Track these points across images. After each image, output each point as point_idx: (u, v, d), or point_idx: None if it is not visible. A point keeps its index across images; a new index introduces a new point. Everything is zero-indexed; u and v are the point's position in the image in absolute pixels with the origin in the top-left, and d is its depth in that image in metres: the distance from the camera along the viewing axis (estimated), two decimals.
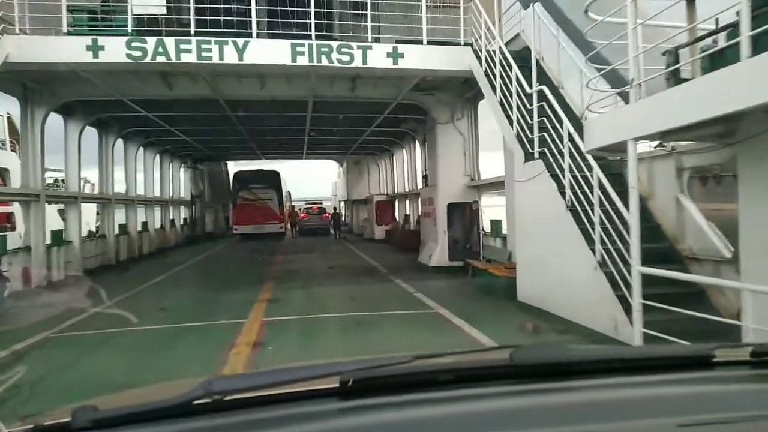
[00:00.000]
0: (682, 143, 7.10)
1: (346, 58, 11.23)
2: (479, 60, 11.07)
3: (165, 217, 26.22)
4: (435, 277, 13.88)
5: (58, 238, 14.85)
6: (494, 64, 10.23)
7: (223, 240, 30.37)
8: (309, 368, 1.16)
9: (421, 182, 20.52)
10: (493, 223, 13.78)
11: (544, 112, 8.67)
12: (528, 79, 9.26)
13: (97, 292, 11.76)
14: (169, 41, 10.77)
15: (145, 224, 22.87)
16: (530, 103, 8.89)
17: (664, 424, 1.00)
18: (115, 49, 10.72)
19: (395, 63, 11.42)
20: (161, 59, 10.79)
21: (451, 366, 1.31)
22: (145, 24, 11.80)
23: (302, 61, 11.12)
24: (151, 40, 10.75)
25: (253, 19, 11.16)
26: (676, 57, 4.91)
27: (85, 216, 18.81)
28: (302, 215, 34.01)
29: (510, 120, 9.45)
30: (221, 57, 10.90)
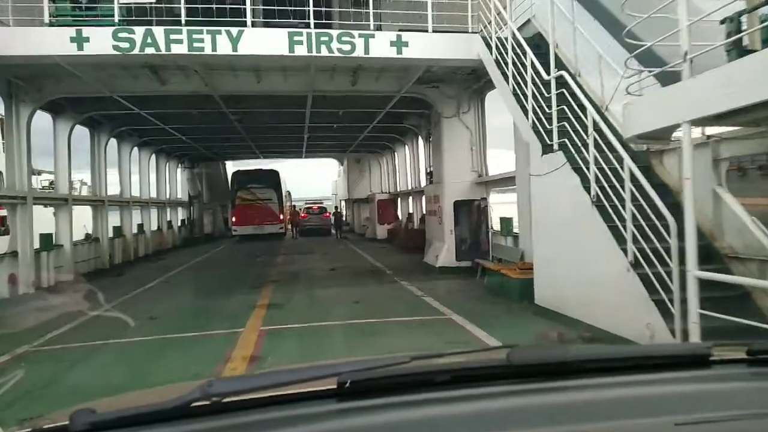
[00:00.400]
0: (720, 130, 6.43)
1: (347, 47, 10.56)
2: (489, 48, 10.39)
3: (162, 218, 25.59)
4: (442, 278, 13.23)
5: (47, 242, 14.19)
6: (506, 51, 9.56)
7: (223, 241, 29.73)
8: (307, 370, 1.17)
9: (424, 180, 19.87)
10: (503, 221, 13.10)
11: (564, 101, 8.01)
12: (543, 68, 8.61)
13: (87, 299, 11.15)
14: (159, 31, 10.11)
15: (141, 226, 22.24)
16: (548, 91, 8.22)
17: (661, 423, 1.00)
18: (100, 41, 10.05)
19: (399, 52, 10.75)
20: (150, 50, 10.13)
21: (449, 366, 1.30)
22: (133, 13, 11.13)
23: (300, 51, 10.45)
24: (139, 31, 10.09)
25: (248, 6, 10.48)
26: (738, 25, 4.24)
27: (83, 219, 18.26)
28: (303, 215, 33.34)
29: (525, 110, 8.78)
30: (214, 48, 10.23)
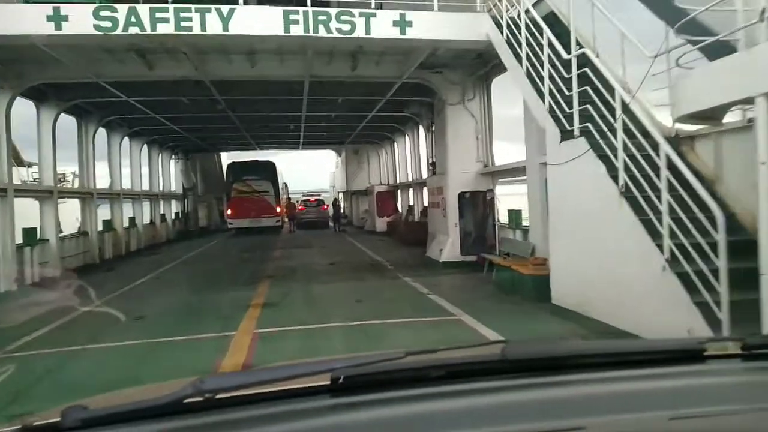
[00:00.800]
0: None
1: (346, 27, 9.82)
2: (499, 27, 9.67)
3: (155, 211, 24.85)
4: (447, 273, 12.58)
5: (31, 236, 13.48)
6: (519, 31, 8.84)
7: (218, 235, 29.02)
8: (300, 366, 1.15)
9: (426, 171, 19.18)
10: (512, 213, 12.43)
11: (585, 82, 7.31)
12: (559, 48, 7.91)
13: (71, 297, 10.45)
14: (143, 9, 9.36)
15: (132, 220, 21.50)
16: (567, 72, 7.51)
17: (655, 417, 1.00)
18: (80, 19, 9.29)
19: (402, 32, 10.01)
20: (134, 30, 9.38)
21: (443, 362, 1.28)
22: None
23: (296, 31, 9.71)
24: (122, 9, 9.33)
25: None
26: None
27: (76, 212, 17.60)
28: (300, 207, 32.61)
29: (540, 93, 8.08)
30: (203, 27, 9.48)
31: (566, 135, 7.46)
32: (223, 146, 31.60)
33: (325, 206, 32.80)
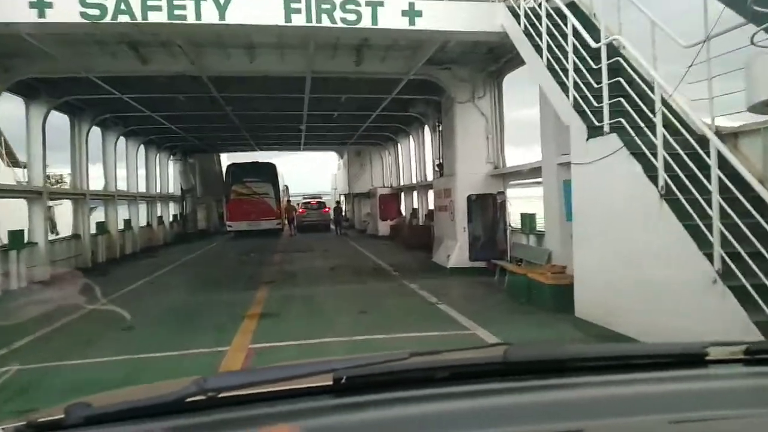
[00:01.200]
0: None
1: (351, 16, 9.16)
2: (516, 18, 9.00)
3: (152, 214, 24.20)
4: (455, 281, 11.91)
5: (17, 239, 12.80)
6: (539, 20, 8.18)
7: (217, 237, 28.36)
8: (303, 366, 1.16)
9: (432, 173, 18.50)
10: (525, 217, 11.74)
11: (615, 74, 6.65)
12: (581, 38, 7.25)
13: (58, 304, 9.80)
14: None
15: (128, 222, 20.85)
16: (595, 63, 6.84)
17: (656, 421, 0.99)
18: (66, 6, 8.66)
19: (412, 23, 9.36)
20: (124, 18, 8.73)
21: (446, 363, 1.28)
22: None
23: (298, 20, 9.05)
24: None
25: None
26: None
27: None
28: (300, 210, 31.93)
29: (564, 87, 7.40)
30: (198, 16, 8.83)
31: (594, 132, 6.78)
32: (223, 147, 30.95)
33: (327, 209, 32.13)
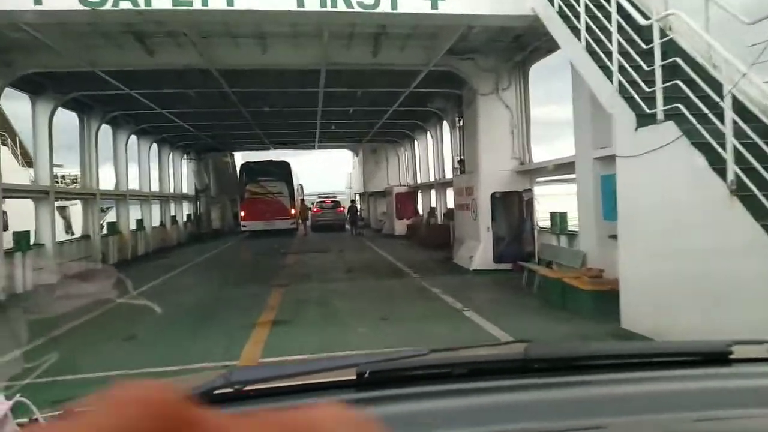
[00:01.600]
0: None
1: (369, 1, 8.49)
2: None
3: (165, 213, 23.78)
4: (480, 284, 11.17)
5: (23, 240, 12.35)
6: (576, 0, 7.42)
7: (232, 237, 27.88)
8: (326, 360, 1.22)
9: (451, 169, 17.75)
10: (555, 216, 10.96)
11: (669, 55, 5.88)
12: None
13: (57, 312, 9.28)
14: None
15: (140, 222, 20.42)
16: (646, 43, 6.07)
17: (680, 419, 0.98)
18: None
19: (434, 7, 8.65)
20: (126, 5, 8.15)
21: (466, 359, 1.29)
22: None
23: (311, 5, 8.40)
24: None
25: None
26: None
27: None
28: (315, 209, 31.34)
29: (607, 72, 6.63)
30: (204, 2, 8.22)
31: (645, 120, 6.01)
32: (236, 145, 30.47)
33: (342, 208, 31.51)
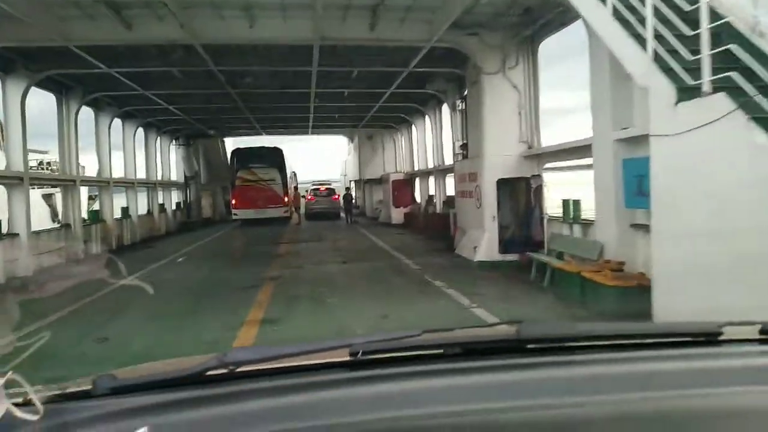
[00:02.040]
0: None
1: None
2: None
3: (153, 201, 22.87)
4: (486, 277, 10.42)
5: None
6: None
7: (223, 226, 27.00)
8: (320, 342, 1.18)
9: (452, 155, 16.93)
10: (567, 203, 10.19)
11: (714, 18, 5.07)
12: None
13: (30, 308, 8.47)
14: None
15: (125, 210, 19.53)
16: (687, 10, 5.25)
17: (669, 396, 1.00)
18: None
19: None
20: None
21: (459, 339, 1.30)
22: None
23: None
24: None
25: None
26: None
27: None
28: (309, 197, 30.48)
29: (640, 40, 5.81)
30: None
31: (687, 93, 5.22)
32: (227, 131, 29.46)
33: (336, 196, 30.68)
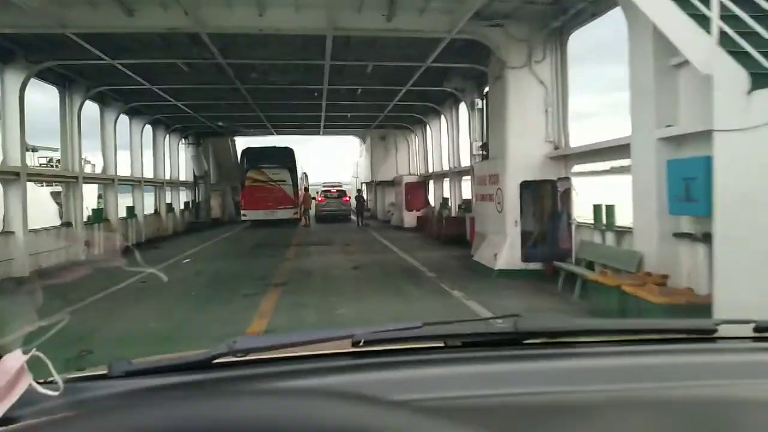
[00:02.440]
0: None
1: None
2: None
3: (160, 201, 22.33)
4: (509, 288, 9.62)
5: None
6: None
7: (232, 227, 26.41)
8: (324, 332, 1.22)
9: (469, 156, 16.15)
10: (598, 209, 9.36)
11: None
12: None
13: (20, 314, 7.84)
14: None
15: (131, 209, 18.98)
16: None
17: (662, 388, 1.02)
18: None
19: None
20: None
21: (458, 331, 1.34)
22: None
23: None
24: None
25: None
26: None
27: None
28: (320, 199, 29.82)
29: (703, 21, 5.03)
30: None
31: (764, 79, 4.43)
32: (237, 130, 28.89)
33: (348, 197, 29.98)
